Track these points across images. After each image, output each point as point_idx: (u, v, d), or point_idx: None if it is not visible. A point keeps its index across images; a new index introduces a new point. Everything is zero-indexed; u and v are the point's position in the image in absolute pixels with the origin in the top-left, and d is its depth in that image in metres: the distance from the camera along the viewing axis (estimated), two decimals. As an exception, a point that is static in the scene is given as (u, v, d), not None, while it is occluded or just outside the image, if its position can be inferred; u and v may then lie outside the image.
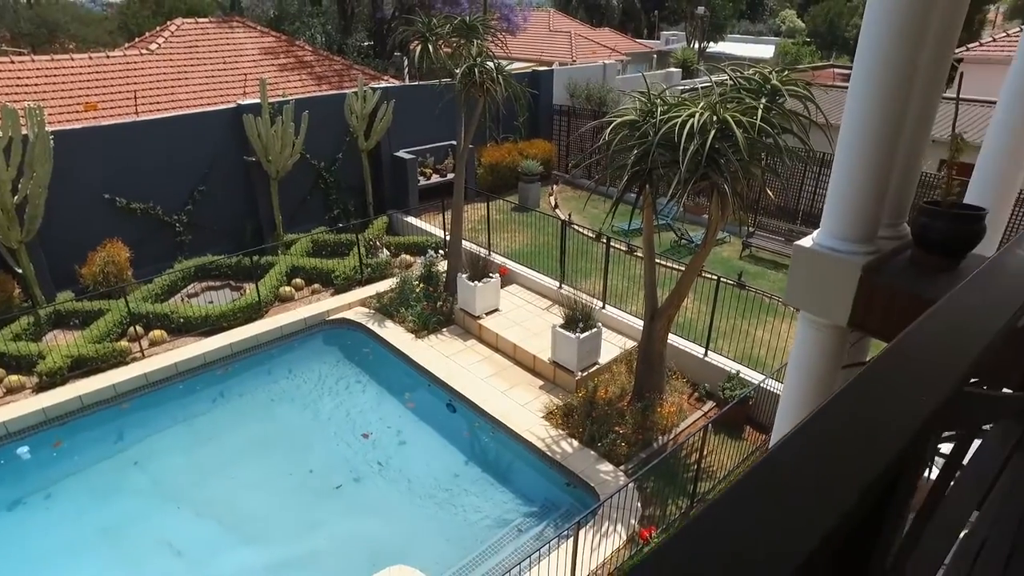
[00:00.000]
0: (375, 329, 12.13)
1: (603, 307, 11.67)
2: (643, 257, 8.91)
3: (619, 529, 7.72)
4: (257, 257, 13.09)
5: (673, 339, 10.07)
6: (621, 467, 8.66)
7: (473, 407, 10.08)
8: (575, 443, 9.09)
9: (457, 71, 10.95)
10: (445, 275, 12.93)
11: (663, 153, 7.00)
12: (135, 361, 10.86)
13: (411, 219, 16.03)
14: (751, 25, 55.04)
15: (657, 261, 9.13)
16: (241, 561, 8.00)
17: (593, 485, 8.37)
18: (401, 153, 16.48)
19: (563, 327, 10.22)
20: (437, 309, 12.26)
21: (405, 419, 10.48)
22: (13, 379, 10.11)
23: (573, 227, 13.42)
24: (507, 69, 11.33)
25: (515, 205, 17.01)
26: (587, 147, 18.34)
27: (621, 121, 7.57)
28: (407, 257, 14.49)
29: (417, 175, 16.69)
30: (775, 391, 8.94)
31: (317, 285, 13.49)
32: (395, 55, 26.28)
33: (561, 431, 9.33)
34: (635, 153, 7.21)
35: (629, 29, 46.88)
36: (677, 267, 12.72)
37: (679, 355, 10.35)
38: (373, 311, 12.67)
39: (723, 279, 10.26)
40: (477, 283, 11.71)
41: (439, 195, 15.38)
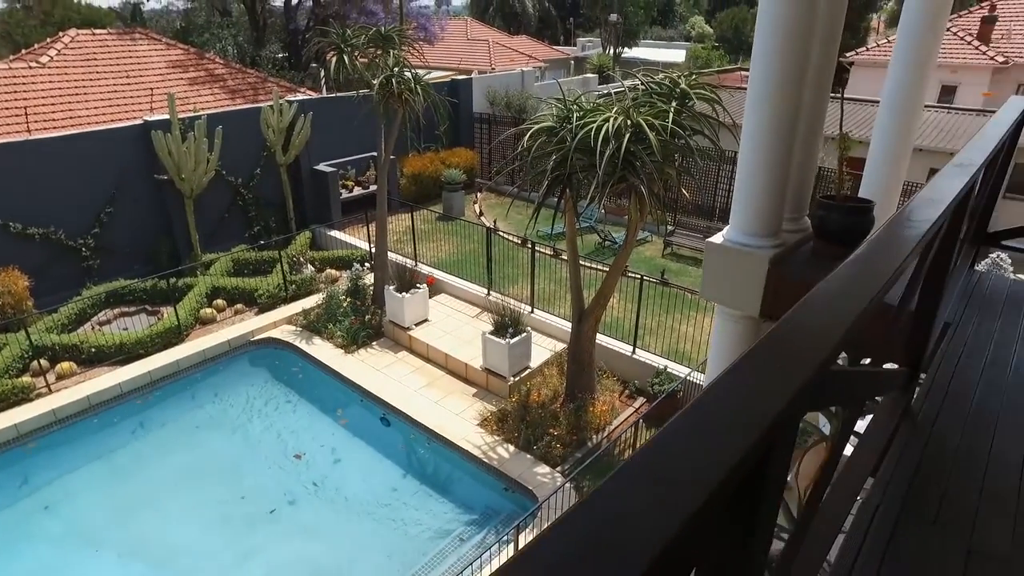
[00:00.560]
0: (303, 347, 11.84)
1: (532, 311, 11.80)
2: (568, 260, 9.09)
3: (559, 529, 7.80)
4: (174, 279, 12.54)
5: (602, 339, 10.30)
6: (558, 468, 8.78)
7: (408, 419, 9.99)
8: (511, 448, 9.15)
9: (375, 82, 10.87)
10: (372, 288, 12.77)
11: (581, 157, 7.18)
12: (41, 397, 10.17)
13: (335, 233, 15.75)
14: (663, 31, 57.13)
15: (581, 263, 9.33)
16: (170, 598, 7.63)
17: (531, 488, 8.45)
18: (321, 166, 16.17)
19: (493, 333, 10.28)
20: (366, 323, 12.09)
21: (339, 436, 10.27)
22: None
23: (498, 234, 13.53)
24: (426, 79, 11.33)
25: (440, 214, 17.00)
26: (509, 154, 18.53)
27: (539, 128, 7.72)
28: (333, 272, 14.23)
29: (339, 188, 16.42)
30: (701, 383, 9.29)
31: (240, 305, 13.04)
32: (312, 66, 25.75)
33: (497, 437, 9.37)
34: (554, 159, 7.36)
35: (546, 36, 47.67)
36: (601, 268, 13.02)
37: (608, 354, 10.59)
38: (300, 328, 12.37)
39: (646, 277, 10.58)
40: (405, 294, 11.63)
41: (362, 207, 15.19)
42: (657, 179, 7.28)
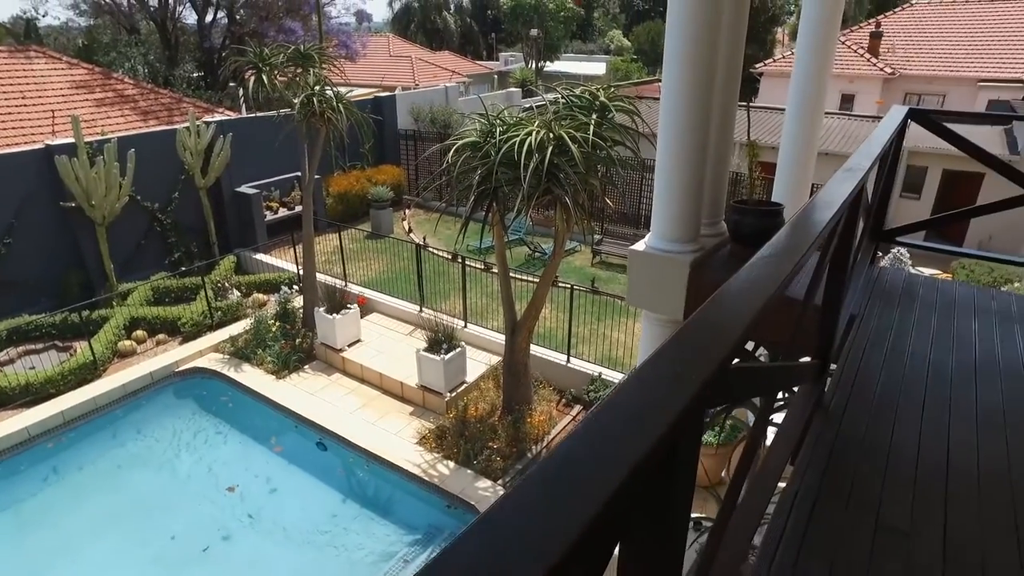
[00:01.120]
0: (232, 375, 11.41)
1: (465, 326, 11.80)
2: (498, 273, 9.15)
3: (503, 542, 7.80)
4: (88, 312, 11.86)
5: (536, 349, 10.40)
6: (499, 481, 8.78)
7: (344, 442, 9.77)
8: (451, 464, 9.09)
9: (295, 101, 10.68)
10: (302, 310, 12.46)
11: (506, 171, 7.27)
12: (-64, 447, 9.41)
13: (261, 256, 15.30)
14: (583, 44, 58.57)
15: (512, 275, 9.41)
16: (95, 651, 7.17)
17: (473, 503, 8.41)
18: (244, 188, 15.71)
19: (427, 350, 10.22)
20: (297, 346, 11.78)
21: (273, 465, 9.93)
22: None
23: (428, 250, 13.48)
24: (348, 96, 11.22)
25: (368, 233, 16.79)
26: (435, 170, 18.51)
27: (463, 143, 7.77)
28: (260, 296, 13.80)
29: (263, 210, 15.98)
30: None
31: (162, 335, 12.46)
32: (229, 86, 25.02)
33: (436, 454, 9.29)
34: (479, 173, 7.42)
35: (469, 52, 48.10)
36: (532, 279, 13.15)
37: (543, 364, 10.69)
38: (228, 356, 11.92)
39: (576, 287, 10.77)
40: (336, 315, 11.41)
41: (289, 229, 14.83)
42: (581, 190, 7.43)
